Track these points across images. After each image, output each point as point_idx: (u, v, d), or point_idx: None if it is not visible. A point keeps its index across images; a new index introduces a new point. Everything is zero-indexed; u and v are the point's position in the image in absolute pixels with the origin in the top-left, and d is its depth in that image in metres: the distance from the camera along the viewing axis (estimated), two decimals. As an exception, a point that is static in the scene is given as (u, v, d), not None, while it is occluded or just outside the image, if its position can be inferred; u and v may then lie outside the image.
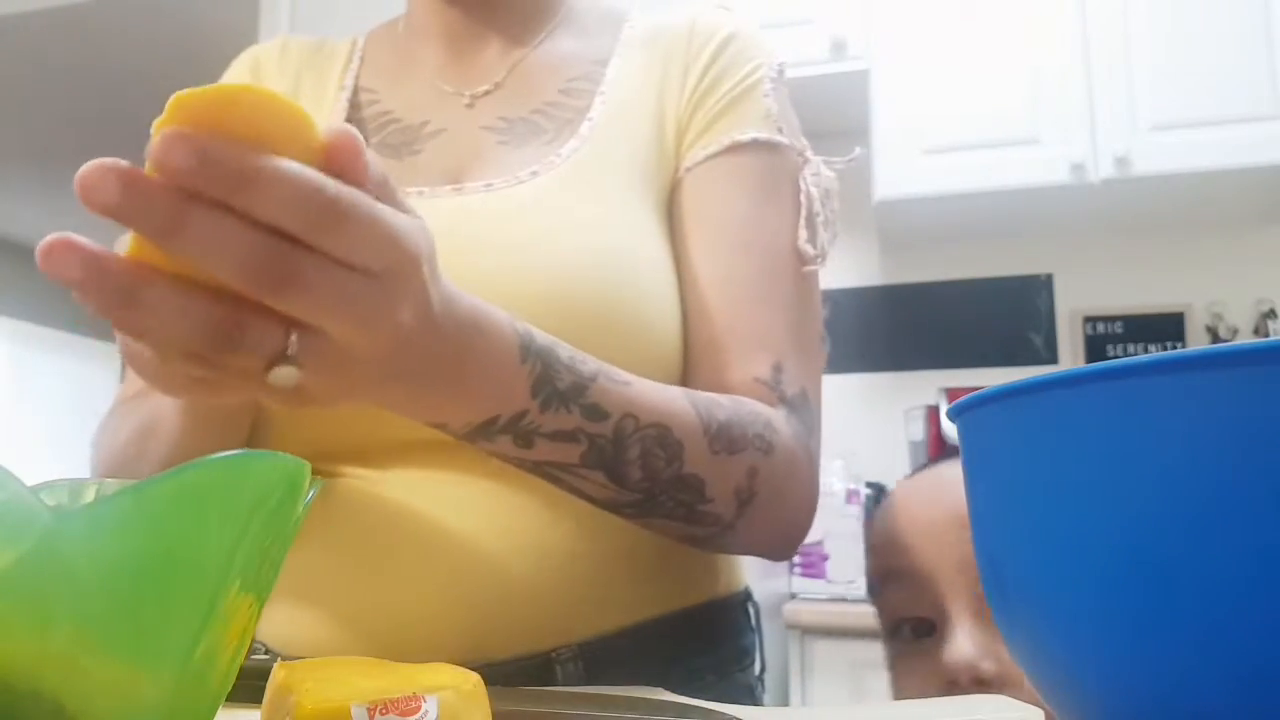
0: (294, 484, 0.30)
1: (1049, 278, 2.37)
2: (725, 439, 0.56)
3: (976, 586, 0.58)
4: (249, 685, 0.38)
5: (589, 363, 0.51)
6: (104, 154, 0.32)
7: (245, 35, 2.62)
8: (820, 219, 0.67)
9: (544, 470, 0.52)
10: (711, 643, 0.66)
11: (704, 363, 0.63)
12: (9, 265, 5.38)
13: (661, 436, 0.53)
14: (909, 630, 0.62)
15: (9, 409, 5.36)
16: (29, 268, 5.47)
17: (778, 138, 0.68)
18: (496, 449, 0.50)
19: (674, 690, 0.55)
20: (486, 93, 0.72)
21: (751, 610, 0.71)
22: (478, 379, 0.46)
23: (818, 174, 0.69)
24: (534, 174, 0.64)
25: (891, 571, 0.64)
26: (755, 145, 0.67)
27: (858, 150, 0.71)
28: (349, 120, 0.71)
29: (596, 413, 0.50)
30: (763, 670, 0.70)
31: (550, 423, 0.49)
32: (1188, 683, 0.24)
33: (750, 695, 0.69)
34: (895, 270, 2.44)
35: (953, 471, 0.63)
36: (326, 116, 0.71)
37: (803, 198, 0.67)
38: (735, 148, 0.67)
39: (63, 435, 5.56)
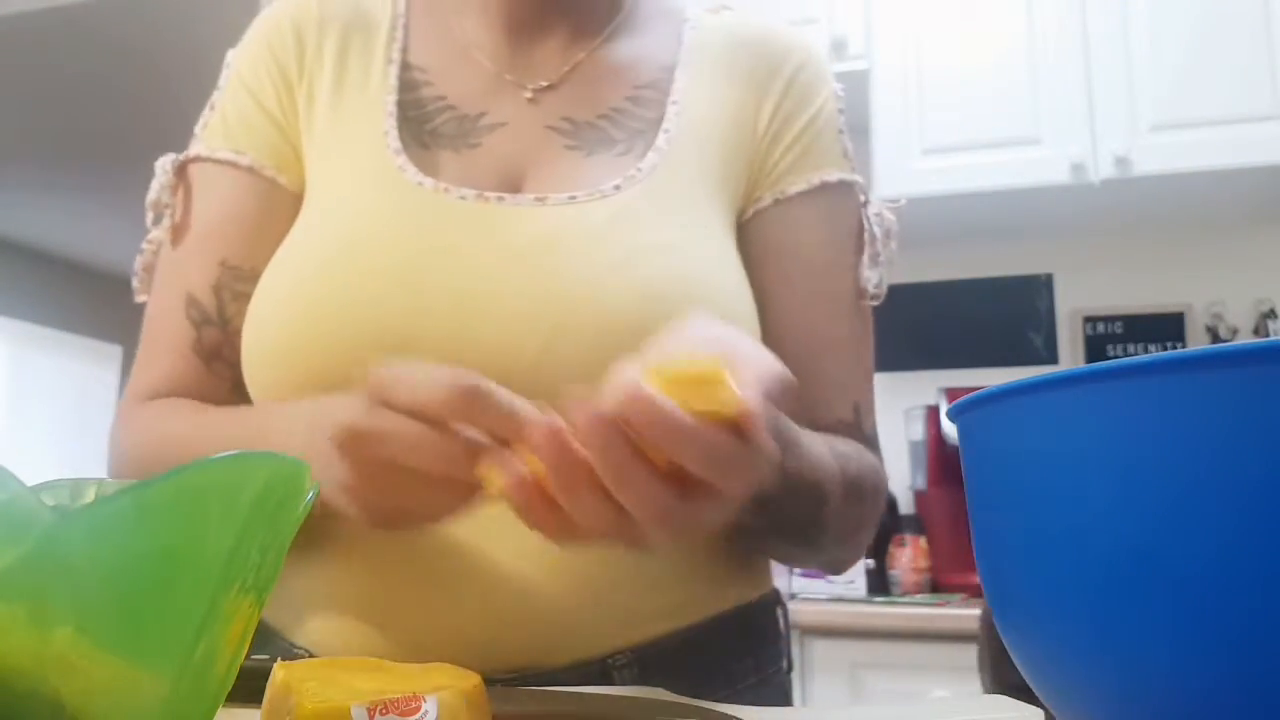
0: (294, 484, 0.30)
1: (1049, 278, 2.37)
2: (855, 491, 0.62)
3: None
4: (249, 685, 0.38)
5: (802, 439, 0.57)
6: (104, 154, 0.33)
7: (245, 35, 2.61)
8: (881, 258, 0.71)
9: None
10: (752, 645, 0.67)
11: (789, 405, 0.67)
12: (9, 265, 5.38)
13: (817, 496, 0.59)
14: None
15: (9, 409, 5.36)
16: (29, 267, 5.47)
17: (853, 177, 0.70)
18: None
19: (719, 693, 0.55)
20: (549, 88, 0.68)
21: (780, 613, 0.71)
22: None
23: (880, 214, 0.71)
24: (616, 188, 0.62)
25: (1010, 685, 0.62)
26: (837, 187, 0.70)
27: (903, 201, 0.75)
28: (401, 101, 0.67)
29: (797, 487, 0.56)
30: (789, 669, 0.71)
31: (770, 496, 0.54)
32: (1187, 683, 0.24)
33: (784, 696, 0.70)
34: (895, 270, 2.43)
35: None
36: (377, 94, 0.67)
37: (866, 236, 0.70)
38: (821, 189, 0.69)
39: (63, 435, 5.55)
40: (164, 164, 0.69)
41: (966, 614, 1.73)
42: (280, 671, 0.34)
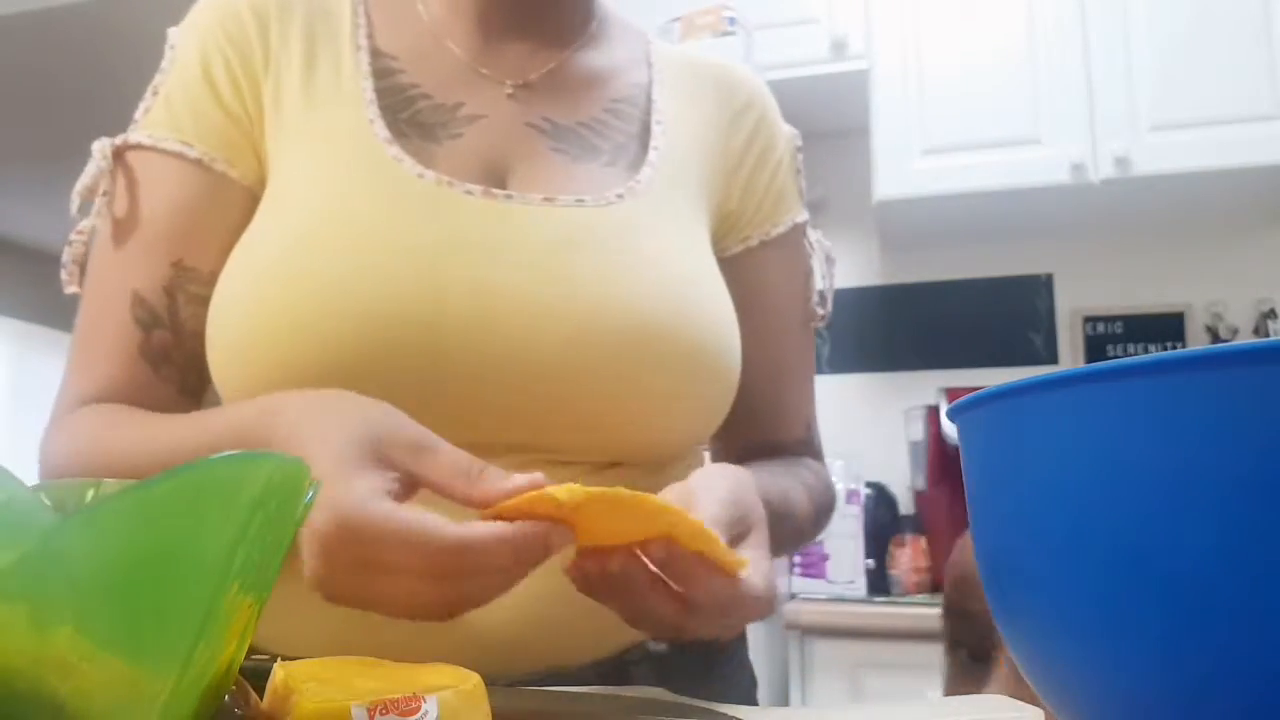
0: (294, 484, 0.30)
1: (1049, 278, 2.37)
2: (816, 516, 0.71)
3: None
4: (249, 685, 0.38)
5: (781, 480, 0.66)
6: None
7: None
8: (824, 282, 0.77)
9: None
10: (738, 641, 0.70)
11: (756, 427, 0.75)
12: (9, 265, 5.38)
13: (796, 537, 0.69)
14: (966, 655, 0.67)
15: (9, 409, 5.36)
16: (29, 268, 5.47)
17: (805, 216, 0.77)
18: None
19: (713, 686, 0.56)
20: (526, 85, 0.69)
21: None
22: None
23: (818, 242, 0.78)
24: (620, 197, 0.64)
25: (956, 609, 0.69)
26: (800, 225, 0.77)
27: (829, 245, 0.81)
28: (377, 89, 0.65)
29: (783, 542, 0.64)
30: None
31: None
32: (1186, 682, 0.24)
33: (752, 690, 0.71)
34: (895, 270, 2.44)
35: None
36: (351, 81, 0.65)
37: (813, 262, 0.77)
38: (792, 230, 0.75)
39: (63, 435, 5.53)
40: (102, 147, 0.66)
41: (966, 614, 1.73)
42: (280, 671, 0.34)
